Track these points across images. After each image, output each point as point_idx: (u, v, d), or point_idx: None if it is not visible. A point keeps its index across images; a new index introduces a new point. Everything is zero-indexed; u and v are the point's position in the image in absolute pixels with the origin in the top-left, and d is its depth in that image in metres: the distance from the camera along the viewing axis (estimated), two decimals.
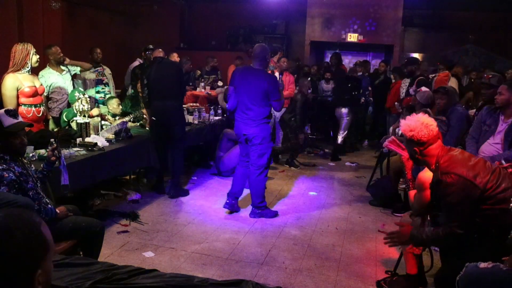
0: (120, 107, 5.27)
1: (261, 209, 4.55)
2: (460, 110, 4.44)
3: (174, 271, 3.10)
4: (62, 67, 5.07)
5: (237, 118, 4.47)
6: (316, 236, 4.11)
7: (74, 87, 5.15)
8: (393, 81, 7.80)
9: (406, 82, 6.87)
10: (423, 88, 5.07)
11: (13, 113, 2.72)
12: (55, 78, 4.95)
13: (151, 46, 6.59)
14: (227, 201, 4.62)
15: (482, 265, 2.05)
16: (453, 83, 6.73)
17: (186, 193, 5.15)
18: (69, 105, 5.00)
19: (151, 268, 1.96)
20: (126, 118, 5.01)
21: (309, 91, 7.19)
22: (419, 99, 4.81)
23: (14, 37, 6.66)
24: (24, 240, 1.06)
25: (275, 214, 4.60)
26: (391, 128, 5.81)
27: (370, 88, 8.14)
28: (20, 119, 2.82)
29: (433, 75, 7.14)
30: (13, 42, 4.41)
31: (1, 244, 1.04)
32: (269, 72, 4.84)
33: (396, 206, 4.78)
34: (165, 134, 4.88)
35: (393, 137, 3.20)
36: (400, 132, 5.59)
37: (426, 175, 2.86)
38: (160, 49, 5.12)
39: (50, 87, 4.92)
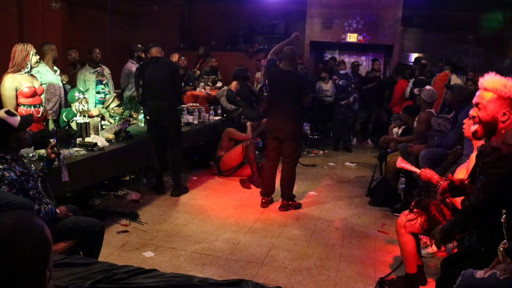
0: (121, 108, 5.28)
1: (292, 200, 4.83)
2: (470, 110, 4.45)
3: (174, 271, 3.10)
4: (55, 68, 5.03)
5: (273, 116, 4.74)
6: (316, 236, 4.12)
7: (65, 90, 5.14)
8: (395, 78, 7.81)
9: (412, 82, 6.83)
10: (427, 87, 5.10)
11: (12, 112, 2.71)
12: (51, 77, 4.88)
13: (139, 45, 6.56)
14: (263, 201, 4.83)
15: (478, 274, 1.92)
16: (459, 82, 6.57)
17: (186, 190, 5.19)
18: (65, 105, 4.99)
19: (151, 268, 1.96)
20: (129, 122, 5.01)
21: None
22: (424, 98, 4.81)
23: (14, 37, 6.66)
24: (35, 249, 1.08)
25: (300, 206, 4.88)
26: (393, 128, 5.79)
27: (352, 86, 8.03)
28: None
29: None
30: (13, 42, 4.40)
31: (15, 259, 1.05)
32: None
33: (396, 206, 4.78)
34: (161, 133, 4.95)
35: (400, 158, 3.21)
36: (399, 132, 5.59)
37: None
38: (158, 47, 5.00)
39: (46, 85, 4.87)
